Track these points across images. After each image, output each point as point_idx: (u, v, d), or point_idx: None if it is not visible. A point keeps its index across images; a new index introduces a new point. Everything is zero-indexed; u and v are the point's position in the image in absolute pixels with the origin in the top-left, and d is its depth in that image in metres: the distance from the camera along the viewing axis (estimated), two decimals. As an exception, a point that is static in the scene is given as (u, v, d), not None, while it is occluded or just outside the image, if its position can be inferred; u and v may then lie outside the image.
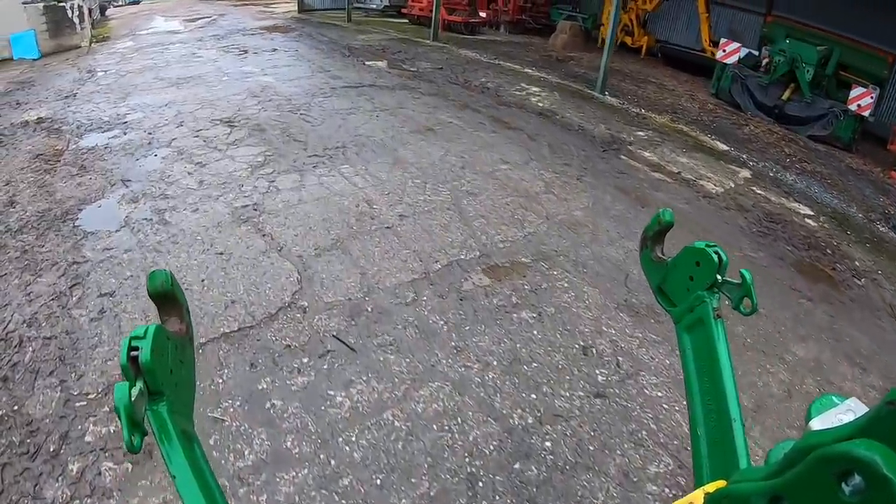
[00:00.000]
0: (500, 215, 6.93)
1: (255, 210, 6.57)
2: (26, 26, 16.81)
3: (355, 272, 5.58)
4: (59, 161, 8.48)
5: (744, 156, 10.58)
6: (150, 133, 9.22)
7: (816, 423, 0.79)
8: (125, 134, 9.32)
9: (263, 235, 6.07)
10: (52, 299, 5.18)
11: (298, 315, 4.97)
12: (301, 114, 10.20)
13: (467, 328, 5.06)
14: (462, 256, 6.02)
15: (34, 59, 16.75)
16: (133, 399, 0.89)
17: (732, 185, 8.99)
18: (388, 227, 6.40)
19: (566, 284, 5.73)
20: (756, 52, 14.69)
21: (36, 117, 10.77)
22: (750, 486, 0.72)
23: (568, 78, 14.81)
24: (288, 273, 5.49)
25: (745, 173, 9.69)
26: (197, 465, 0.97)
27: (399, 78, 13.30)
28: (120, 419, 0.86)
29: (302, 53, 16.06)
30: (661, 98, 14.14)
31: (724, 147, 10.97)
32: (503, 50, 17.65)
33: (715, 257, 1.32)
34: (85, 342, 4.63)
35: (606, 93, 13.52)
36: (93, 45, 19.15)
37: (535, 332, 5.09)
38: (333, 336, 4.76)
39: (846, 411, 0.80)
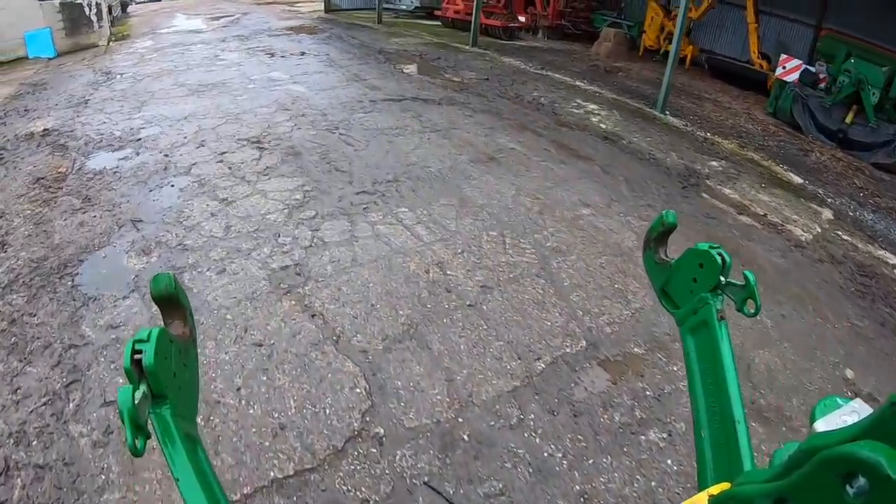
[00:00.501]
0: (597, 284, 5.41)
1: (299, 274, 5.06)
2: (42, 24, 15.60)
3: (440, 377, 4.08)
4: (61, 188, 7.04)
5: (820, 190, 9.18)
6: (166, 155, 7.74)
7: (821, 425, 0.76)
8: (138, 154, 7.85)
9: (313, 316, 4.56)
10: (45, 403, 3.82)
11: (373, 449, 3.51)
12: (340, 133, 8.67)
13: (590, 461, 3.67)
14: (567, 349, 4.53)
15: (50, 59, 15.53)
16: (136, 402, 0.85)
17: (819, 230, 7.67)
18: (470, 305, 4.88)
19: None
20: (812, 68, 13.15)
21: (42, 128, 9.37)
22: (754, 487, 0.69)
23: (623, 93, 13.20)
24: (352, 379, 3.99)
25: (827, 213, 8.34)
26: (200, 468, 0.94)
27: (444, 90, 11.74)
28: (123, 422, 0.83)
29: (333, 58, 14.51)
30: (722, 118, 12.58)
31: (798, 180, 9.49)
32: (547, 58, 16.04)
33: (718, 259, 1.27)
34: (88, 482, 3.26)
35: (667, 112, 11.94)
36: (111, 44, 17.76)
37: (668, 462, 3.80)
38: (425, 484, 3.32)
39: (850, 413, 0.75)
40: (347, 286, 4.93)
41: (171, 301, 1.13)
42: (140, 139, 8.46)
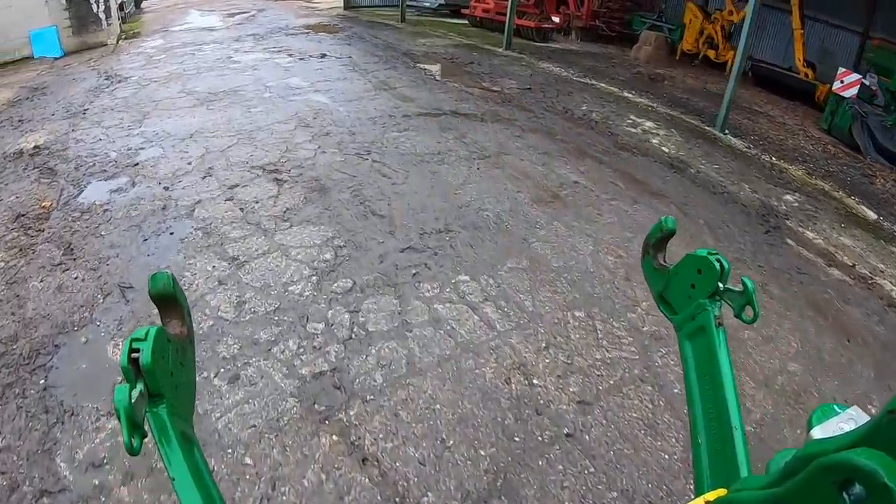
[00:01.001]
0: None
1: (339, 388, 3.68)
2: (48, 22, 14.34)
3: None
4: (43, 231, 5.72)
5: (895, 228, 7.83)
6: (165, 188, 6.38)
7: (818, 432, 0.75)
8: (133, 186, 6.51)
9: (364, 461, 3.20)
10: None
11: None
12: (374, 160, 7.26)
13: None
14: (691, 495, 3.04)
15: (55, 58, 14.25)
16: (133, 401, 0.84)
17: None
18: (568, 435, 3.51)
19: None
20: (865, 81, 11.65)
21: (33, 145, 8.11)
22: (750, 494, 0.69)
23: (675, 107, 11.71)
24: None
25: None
26: (196, 468, 0.92)
27: (484, 102, 10.27)
28: (120, 420, 0.81)
29: (357, 61, 13.03)
30: (781, 138, 11.14)
31: (872, 215, 8.17)
32: (586, 64, 14.50)
33: (717, 265, 1.23)
34: None
35: (727, 131, 10.48)
36: (120, 42, 16.43)
37: None
38: None
39: (847, 420, 0.75)
40: (406, 409, 3.53)
41: (168, 300, 1.09)
42: (137, 164, 7.09)
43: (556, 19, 17.11)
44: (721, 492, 0.83)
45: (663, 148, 9.18)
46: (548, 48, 16.09)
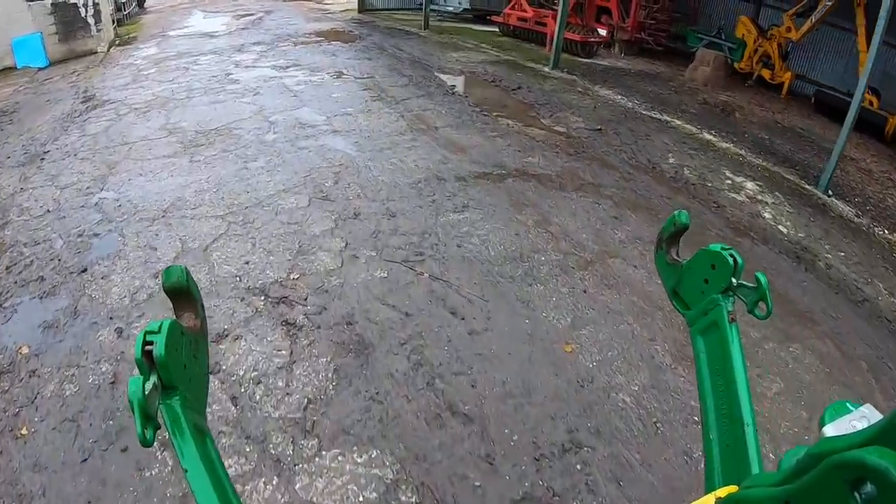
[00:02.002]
0: None
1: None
2: (31, 28, 12.21)
3: None
4: None
5: None
6: (118, 332, 3.86)
7: (830, 430, 0.71)
8: (74, 318, 4.11)
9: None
10: None
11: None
12: (431, 274, 4.74)
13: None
14: None
15: (39, 69, 12.03)
16: (146, 393, 0.81)
17: None
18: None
19: None
20: None
21: (-41, 212, 5.55)
22: (762, 491, 0.66)
23: (763, 153, 9.21)
24: None
25: None
26: (209, 460, 0.88)
27: (554, 153, 7.76)
28: (133, 412, 0.78)
29: (381, 83, 10.40)
30: (879, 194, 8.70)
31: None
32: (646, 89, 11.88)
33: (730, 260, 1.17)
34: None
35: (831, 192, 8.06)
36: (112, 50, 13.85)
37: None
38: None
39: (860, 418, 0.71)
40: None
41: (182, 293, 1.06)
42: (86, 269, 4.62)
43: (602, 32, 14.41)
44: (732, 488, 0.77)
45: (780, 227, 6.69)
46: (597, 66, 13.41)
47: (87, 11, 13.49)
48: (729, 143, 9.26)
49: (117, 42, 14.82)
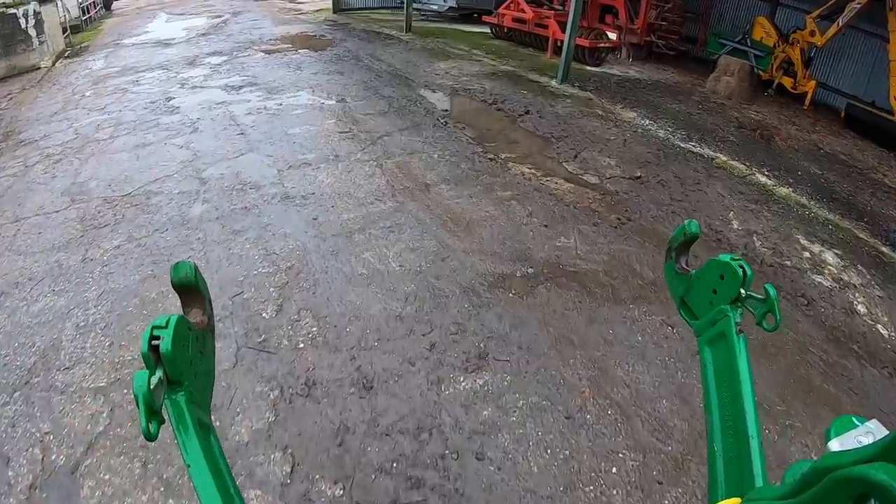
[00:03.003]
0: None
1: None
2: None
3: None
4: None
5: None
6: None
7: (835, 445, 0.66)
8: None
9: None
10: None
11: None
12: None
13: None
14: None
15: None
16: (152, 387, 0.78)
17: None
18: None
19: None
20: None
21: None
22: None
23: (825, 199, 7.10)
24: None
25: None
26: (212, 456, 0.85)
27: (591, 222, 5.45)
28: (138, 406, 0.75)
29: (353, 109, 7.96)
30: None
31: None
32: (672, 108, 9.55)
33: (739, 271, 1.10)
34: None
35: None
36: (58, 63, 11.40)
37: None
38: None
39: (866, 433, 0.65)
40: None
41: (190, 289, 1.02)
42: None
43: (612, 36, 11.97)
44: (735, 501, 0.74)
45: (878, 327, 4.60)
46: (609, 77, 10.99)
47: (27, 22, 10.95)
48: (787, 188, 7.06)
49: (67, 53, 12.25)
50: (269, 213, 5.10)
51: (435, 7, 16.17)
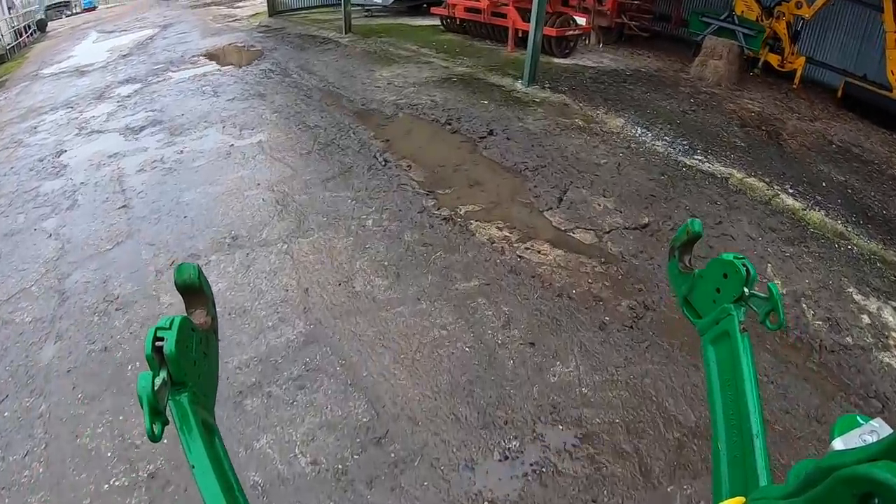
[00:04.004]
0: None
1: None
2: None
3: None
4: None
5: None
6: None
7: (839, 443, 0.60)
8: None
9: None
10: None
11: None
12: None
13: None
14: None
15: None
16: (156, 388, 0.74)
17: None
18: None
19: None
20: None
21: None
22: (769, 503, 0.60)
23: (861, 220, 5.45)
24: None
25: None
26: (216, 457, 0.80)
27: (605, 335, 3.53)
28: (142, 407, 0.72)
29: (269, 152, 5.92)
30: None
31: None
32: (660, 104, 7.66)
33: (743, 270, 1.03)
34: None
35: None
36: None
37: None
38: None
39: (870, 432, 0.59)
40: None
41: (193, 290, 0.95)
42: None
43: (582, 21, 9.88)
44: (739, 500, 0.70)
45: None
46: (583, 71, 8.95)
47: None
48: (818, 210, 5.37)
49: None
50: (136, 360, 3.14)
51: (378, 1, 13.83)
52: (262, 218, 4.65)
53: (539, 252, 4.16)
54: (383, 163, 5.52)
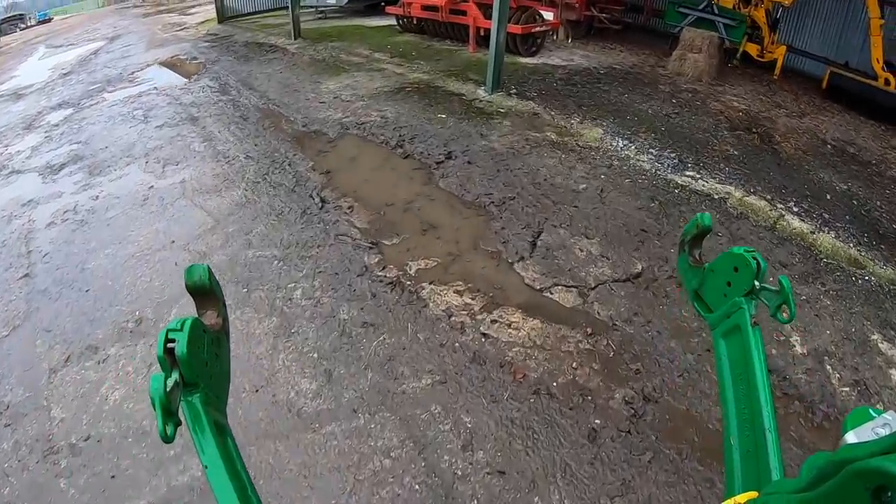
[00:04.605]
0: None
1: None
2: None
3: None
4: None
5: None
6: None
7: (851, 437, 0.59)
8: None
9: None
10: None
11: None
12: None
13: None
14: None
15: None
16: (168, 389, 0.72)
17: None
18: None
19: None
20: None
21: None
22: (782, 498, 0.59)
23: (872, 240, 4.67)
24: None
25: None
26: (229, 457, 0.79)
27: (591, 443, 2.65)
28: (155, 408, 0.70)
29: (191, 194, 4.89)
30: None
31: None
32: (640, 108, 6.77)
33: (753, 263, 1.02)
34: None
35: None
36: None
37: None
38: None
39: (882, 425, 0.58)
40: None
41: (204, 291, 0.94)
42: None
43: (549, 16, 8.90)
44: (752, 494, 0.69)
45: None
46: (552, 72, 7.99)
47: None
48: (827, 232, 4.58)
49: None
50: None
51: (332, 1, 12.66)
52: (173, 291, 3.66)
53: (509, 326, 3.24)
54: (320, 204, 4.52)
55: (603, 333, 3.22)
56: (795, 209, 4.81)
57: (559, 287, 3.55)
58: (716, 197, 4.71)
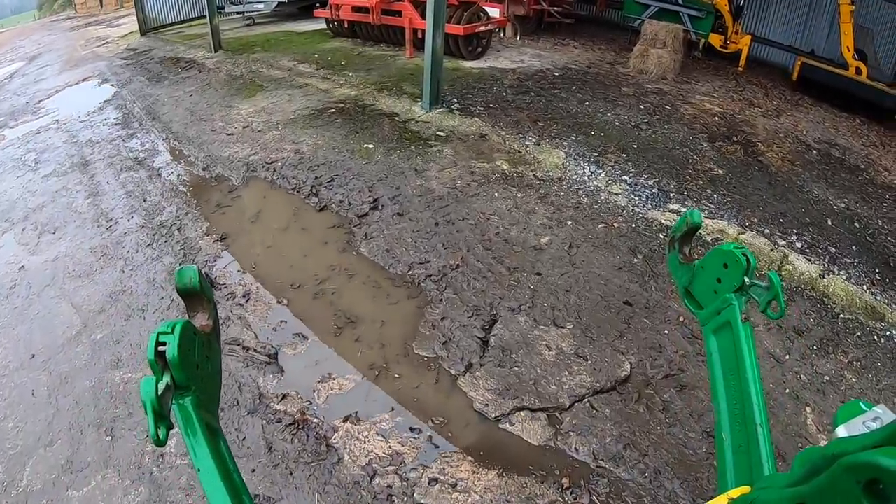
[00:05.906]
0: None
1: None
2: None
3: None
4: None
5: None
6: None
7: (842, 430, 0.59)
8: None
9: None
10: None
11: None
12: None
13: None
14: None
15: None
16: (159, 393, 0.70)
17: None
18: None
19: None
20: None
21: None
22: (774, 492, 0.57)
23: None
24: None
25: None
26: (221, 459, 0.77)
27: None
28: (146, 412, 0.68)
29: (54, 282, 3.59)
30: None
31: None
32: (603, 119, 5.70)
33: (743, 259, 1.00)
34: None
35: None
36: None
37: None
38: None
39: (873, 419, 0.58)
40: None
41: (194, 294, 0.91)
42: None
43: (495, 13, 7.74)
44: (744, 489, 0.68)
45: None
46: (501, 78, 6.83)
47: None
48: (840, 274, 3.82)
49: None
50: None
51: (261, 6, 11.19)
52: (28, 440, 2.47)
53: (454, 487, 2.17)
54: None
55: (584, 485, 2.19)
56: (798, 244, 3.88)
57: (521, 411, 2.49)
58: (708, 239, 3.72)
